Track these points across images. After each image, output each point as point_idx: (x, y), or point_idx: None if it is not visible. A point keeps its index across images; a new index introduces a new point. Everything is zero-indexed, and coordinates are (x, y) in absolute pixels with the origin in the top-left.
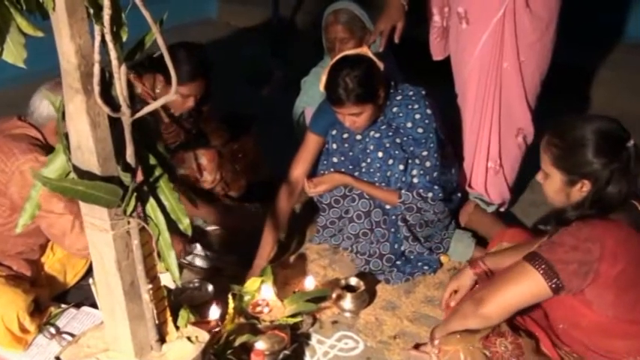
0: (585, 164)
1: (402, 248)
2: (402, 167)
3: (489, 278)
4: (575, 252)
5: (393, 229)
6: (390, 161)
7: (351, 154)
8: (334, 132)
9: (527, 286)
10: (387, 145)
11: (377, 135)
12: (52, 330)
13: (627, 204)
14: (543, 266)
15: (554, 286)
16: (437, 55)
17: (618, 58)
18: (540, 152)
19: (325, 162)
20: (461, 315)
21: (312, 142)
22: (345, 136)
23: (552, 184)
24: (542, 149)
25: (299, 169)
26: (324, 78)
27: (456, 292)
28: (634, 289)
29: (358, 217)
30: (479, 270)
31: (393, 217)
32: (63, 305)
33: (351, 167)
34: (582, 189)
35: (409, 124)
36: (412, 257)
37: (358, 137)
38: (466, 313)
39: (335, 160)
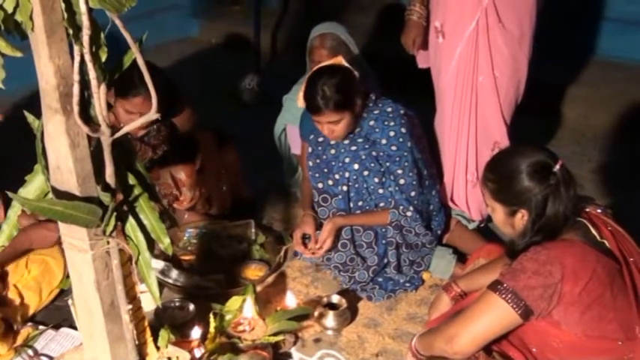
0: (519, 194)
1: (386, 270)
2: (376, 180)
3: (459, 305)
4: (538, 276)
5: (382, 248)
6: (366, 172)
7: (324, 157)
8: (311, 136)
9: (496, 317)
10: (363, 157)
11: (353, 147)
12: (30, 352)
13: (576, 222)
14: (510, 295)
15: (522, 313)
16: (421, 64)
17: (593, 76)
18: (480, 188)
19: (307, 166)
20: (432, 349)
21: (305, 149)
22: (320, 139)
23: (497, 216)
24: (481, 185)
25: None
26: (302, 89)
27: None
28: (597, 305)
29: (343, 245)
30: (453, 294)
31: (383, 242)
32: (41, 327)
33: (325, 170)
34: (523, 218)
35: (384, 141)
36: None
37: (332, 142)
38: (437, 349)
39: (310, 163)
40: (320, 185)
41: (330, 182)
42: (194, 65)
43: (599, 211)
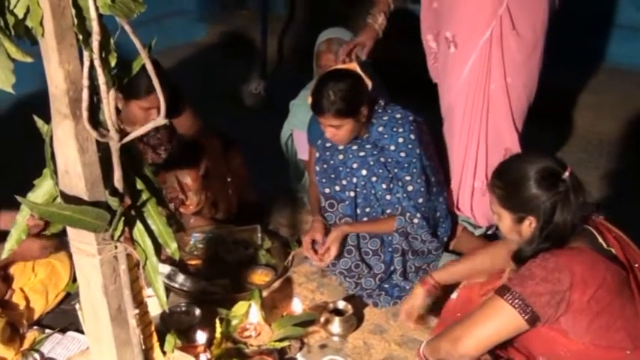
0: (528, 201)
1: (392, 276)
2: (384, 186)
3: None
4: (546, 283)
5: (388, 255)
6: (374, 179)
7: (332, 162)
8: (319, 142)
9: (502, 322)
10: (371, 163)
11: (361, 153)
12: (37, 356)
13: (583, 230)
14: (517, 300)
15: (529, 319)
16: (435, 78)
17: (601, 82)
18: (488, 194)
19: (314, 171)
20: (439, 353)
21: (312, 154)
22: (328, 145)
23: (504, 223)
24: (489, 192)
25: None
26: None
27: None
28: (606, 313)
29: (349, 251)
30: (427, 286)
31: (389, 250)
32: (48, 330)
33: (332, 176)
34: (531, 225)
35: (392, 147)
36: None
37: (340, 147)
38: (443, 352)
39: (318, 168)
40: (327, 190)
41: (337, 188)
42: (200, 69)
43: (601, 217)
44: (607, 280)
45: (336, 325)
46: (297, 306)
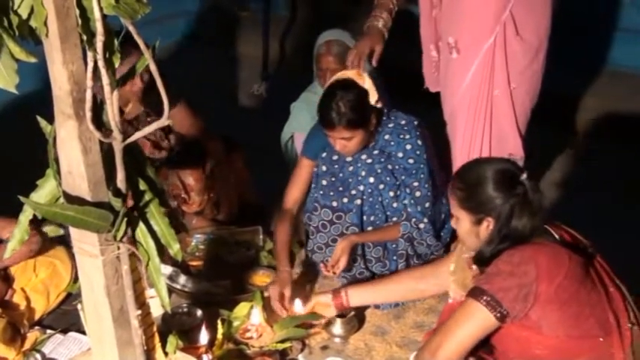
0: (486, 201)
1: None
2: (392, 194)
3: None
4: (513, 277)
5: (393, 264)
6: (381, 186)
7: (341, 175)
8: (324, 154)
9: (475, 322)
10: (379, 170)
11: (369, 160)
12: (38, 356)
13: (543, 231)
14: (485, 297)
15: (499, 315)
16: (434, 88)
17: (604, 86)
18: (449, 197)
19: (315, 186)
20: None
21: (304, 167)
22: (335, 157)
23: (462, 226)
24: (449, 194)
25: (293, 196)
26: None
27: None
28: (574, 302)
29: (353, 260)
30: (339, 301)
31: (394, 258)
32: (49, 331)
33: (341, 189)
34: (488, 227)
35: (400, 154)
36: None
37: (348, 159)
38: None
39: (324, 182)
40: (334, 204)
41: (345, 199)
42: (201, 71)
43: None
44: (571, 269)
45: (337, 327)
46: (299, 307)
